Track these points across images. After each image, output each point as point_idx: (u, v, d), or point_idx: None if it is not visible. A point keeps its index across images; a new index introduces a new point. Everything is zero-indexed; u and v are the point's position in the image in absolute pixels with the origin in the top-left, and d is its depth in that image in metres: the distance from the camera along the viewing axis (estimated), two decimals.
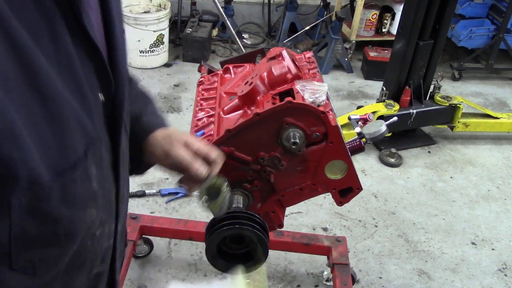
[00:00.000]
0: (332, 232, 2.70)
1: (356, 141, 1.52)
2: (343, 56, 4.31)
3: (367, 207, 2.90)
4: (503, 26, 4.19)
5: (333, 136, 1.33)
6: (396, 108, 3.24)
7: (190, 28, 4.22)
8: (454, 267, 2.57)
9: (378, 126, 1.52)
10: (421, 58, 3.20)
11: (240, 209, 1.34)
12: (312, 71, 1.57)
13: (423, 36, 3.13)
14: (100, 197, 0.81)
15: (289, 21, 4.54)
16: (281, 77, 1.43)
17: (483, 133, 3.63)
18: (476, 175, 3.27)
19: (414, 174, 3.22)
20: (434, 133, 3.65)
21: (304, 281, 2.41)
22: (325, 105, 1.33)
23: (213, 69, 1.77)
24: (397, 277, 2.48)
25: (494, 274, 2.55)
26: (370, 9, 4.39)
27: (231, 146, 1.32)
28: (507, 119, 3.50)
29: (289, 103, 1.27)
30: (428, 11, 3.03)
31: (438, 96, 3.38)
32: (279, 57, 1.47)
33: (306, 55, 1.67)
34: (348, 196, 1.47)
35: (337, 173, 1.42)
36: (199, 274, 2.38)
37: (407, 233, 2.75)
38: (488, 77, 4.54)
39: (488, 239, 2.76)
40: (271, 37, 4.78)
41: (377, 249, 2.63)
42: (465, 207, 2.98)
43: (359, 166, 3.18)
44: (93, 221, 0.81)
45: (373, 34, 4.53)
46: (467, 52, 4.47)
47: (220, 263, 1.51)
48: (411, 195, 3.03)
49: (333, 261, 2.20)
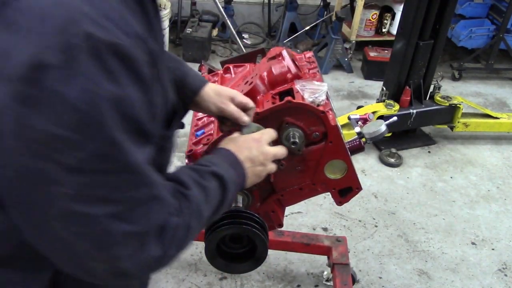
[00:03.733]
0: (332, 232, 2.70)
1: (356, 141, 1.52)
2: (343, 56, 4.31)
3: (367, 207, 2.90)
4: (503, 26, 4.19)
5: (333, 135, 1.33)
6: (396, 108, 3.24)
7: (190, 28, 4.22)
8: (454, 267, 2.57)
9: (378, 126, 1.52)
10: (421, 58, 3.20)
11: (240, 208, 1.34)
12: (312, 71, 1.56)
13: (423, 36, 3.13)
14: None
15: (289, 21, 4.54)
16: (281, 77, 1.43)
17: (483, 133, 3.63)
18: (476, 175, 3.26)
19: (414, 174, 3.22)
20: (434, 133, 3.65)
21: (304, 281, 2.41)
22: (325, 104, 1.33)
23: (213, 69, 1.77)
24: (397, 277, 2.48)
25: (494, 274, 2.55)
26: (370, 9, 4.39)
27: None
28: (507, 119, 3.50)
29: (288, 102, 1.27)
30: (428, 11, 3.02)
31: (438, 96, 3.38)
32: (279, 57, 1.46)
33: (306, 55, 1.67)
34: (347, 196, 1.47)
35: (336, 173, 1.42)
36: (199, 274, 2.38)
37: (407, 233, 2.75)
38: (488, 77, 4.54)
39: (488, 239, 2.76)
40: (271, 37, 4.78)
41: (377, 249, 2.63)
42: (465, 207, 2.98)
43: (359, 166, 3.18)
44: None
45: (373, 34, 4.53)
46: (467, 52, 4.47)
47: (219, 262, 1.51)
48: (411, 195, 3.03)
49: (333, 261, 2.19)
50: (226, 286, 2.34)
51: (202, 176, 0.91)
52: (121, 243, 0.72)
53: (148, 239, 0.74)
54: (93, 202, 0.68)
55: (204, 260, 2.35)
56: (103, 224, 0.69)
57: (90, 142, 0.64)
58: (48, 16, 0.61)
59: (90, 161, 0.65)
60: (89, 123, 0.63)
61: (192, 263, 2.43)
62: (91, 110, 0.63)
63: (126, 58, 0.66)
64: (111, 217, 0.69)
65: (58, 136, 0.62)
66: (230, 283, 2.35)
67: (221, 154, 1.04)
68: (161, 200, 0.76)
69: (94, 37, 0.62)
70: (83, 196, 0.67)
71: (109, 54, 0.64)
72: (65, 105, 0.62)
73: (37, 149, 0.63)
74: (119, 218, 0.70)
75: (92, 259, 0.72)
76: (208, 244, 1.34)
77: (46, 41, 0.61)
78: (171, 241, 0.78)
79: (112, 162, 0.67)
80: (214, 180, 0.93)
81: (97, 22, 0.63)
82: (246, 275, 2.38)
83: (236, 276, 2.38)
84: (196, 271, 2.40)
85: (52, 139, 0.63)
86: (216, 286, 2.34)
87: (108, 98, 0.64)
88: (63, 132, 0.62)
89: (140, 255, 0.74)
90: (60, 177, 0.65)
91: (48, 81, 0.61)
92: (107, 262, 0.73)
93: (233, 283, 2.35)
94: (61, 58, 0.61)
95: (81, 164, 0.65)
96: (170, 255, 0.80)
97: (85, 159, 0.65)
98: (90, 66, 0.62)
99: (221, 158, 1.02)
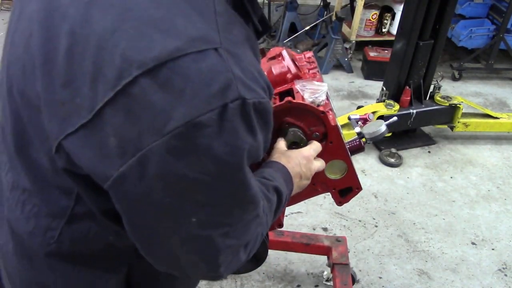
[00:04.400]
0: (332, 232, 2.70)
1: (356, 141, 1.52)
2: (343, 56, 4.31)
3: (367, 207, 2.90)
4: (503, 26, 4.19)
5: (333, 136, 1.33)
6: (396, 108, 3.24)
7: None
8: (454, 267, 2.57)
9: (378, 126, 1.52)
10: (421, 58, 3.20)
11: None
12: (312, 71, 1.56)
13: (423, 36, 3.13)
14: None
15: (289, 21, 4.53)
16: (281, 77, 1.42)
17: (483, 133, 3.63)
18: (476, 175, 3.27)
19: (414, 174, 3.22)
20: (434, 133, 3.65)
21: (304, 281, 2.41)
22: (325, 105, 1.33)
23: None
24: (397, 277, 2.48)
25: (494, 274, 2.55)
26: (370, 9, 4.39)
27: None
28: (507, 119, 3.50)
29: (289, 103, 1.27)
30: (428, 11, 3.02)
31: (438, 96, 3.38)
32: (279, 57, 1.46)
33: (306, 55, 1.66)
34: (347, 196, 1.47)
35: (336, 173, 1.42)
36: None
37: (407, 233, 2.75)
38: (488, 77, 4.54)
39: (488, 239, 2.76)
40: (271, 37, 4.78)
41: (377, 249, 2.63)
42: (465, 207, 2.98)
43: (359, 166, 3.18)
44: None
45: (373, 34, 4.53)
46: (467, 52, 4.47)
47: None
48: (411, 195, 3.03)
49: (333, 261, 2.19)
50: (226, 286, 2.34)
51: (268, 190, 0.98)
52: (224, 254, 0.81)
53: (242, 248, 0.85)
54: (213, 227, 0.77)
55: None
56: (215, 242, 0.78)
57: (226, 184, 0.73)
58: (207, 82, 0.67)
59: (222, 198, 0.75)
60: (228, 172, 0.72)
61: None
62: (232, 160, 0.71)
63: (264, 113, 0.74)
64: (223, 235, 0.78)
65: (199, 181, 0.70)
66: (230, 283, 2.35)
67: (278, 169, 1.10)
68: (260, 217, 0.86)
69: (245, 99, 0.69)
70: (205, 225, 0.76)
71: (254, 112, 0.71)
72: (211, 158, 0.69)
73: (178, 190, 0.71)
74: (229, 236, 0.79)
75: (194, 266, 0.82)
76: None
77: (205, 104, 0.67)
78: (252, 248, 0.89)
79: (238, 197, 0.77)
80: (275, 195, 1.00)
81: (247, 85, 0.70)
82: (246, 275, 2.38)
83: (236, 276, 2.38)
84: None
85: (192, 184, 0.71)
86: (216, 286, 2.34)
87: (246, 149, 0.72)
88: (204, 178, 0.70)
89: (235, 261, 0.84)
90: (192, 211, 0.74)
91: (201, 138, 0.67)
92: (208, 269, 0.83)
93: (233, 283, 2.36)
94: (217, 119, 0.67)
95: (214, 200, 0.74)
96: (248, 257, 0.89)
97: (218, 197, 0.74)
98: (239, 125, 0.70)
99: (279, 174, 1.08)
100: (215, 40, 0.69)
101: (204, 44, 0.68)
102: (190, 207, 0.73)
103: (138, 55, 0.66)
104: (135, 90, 0.66)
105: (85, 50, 0.69)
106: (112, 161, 0.69)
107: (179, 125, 0.66)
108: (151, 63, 0.65)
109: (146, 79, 0.65)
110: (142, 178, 0.69)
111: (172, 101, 0.66)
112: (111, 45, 0.67)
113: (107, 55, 0.67)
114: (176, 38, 0.67)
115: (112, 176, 0.70)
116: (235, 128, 0.69)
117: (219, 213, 0.76)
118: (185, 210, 0.73)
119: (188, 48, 0.66)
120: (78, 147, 0.72)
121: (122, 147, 0.68)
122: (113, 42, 0.67)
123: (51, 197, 0.85)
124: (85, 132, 0.70)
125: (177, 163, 0.68)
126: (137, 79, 0.65)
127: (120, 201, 0.74)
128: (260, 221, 0.87)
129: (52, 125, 0.75)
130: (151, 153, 0.67)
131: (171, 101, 0.66)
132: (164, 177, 0.69)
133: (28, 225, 0.89)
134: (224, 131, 0.68)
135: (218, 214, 0.76)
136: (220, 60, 0.68)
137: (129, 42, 0.67)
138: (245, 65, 0.72)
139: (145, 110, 0.66)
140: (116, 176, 0.70)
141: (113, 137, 0.69)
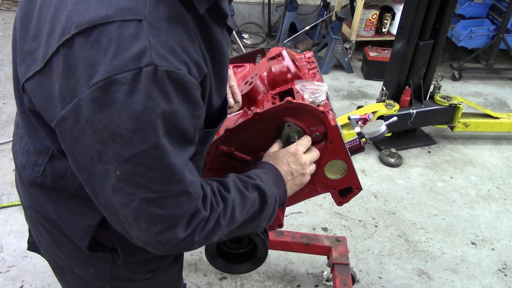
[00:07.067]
0: (332, 232, 2.70)
1: (356, 141, 1.52)
2: (343, 56, 4.31)
3: (367, 207, 2.90)
4: (503, 26, 4.19)
5: (333, 136, 1.33)
6: (396, 108, 3.24)
7: None
8: (454, 267, 2.57)
9: (378, 126, 1.52)
10: (421, 58, 3.20)
11: None
12: (312, 71, 1.56)
13: (423, 36, 3.13)
14: None
15: (289, 21, 4.54)
16: (281, 77, 1.43)
17: (483, 133, 3.63)
18: (476, 175, 3.27)
19: (414, 174, 3.22)
20: (434, 133, 3.65)
21: (304, 281, 2.41)
22: (325, 105, 1.33)
23: None
24: (397, 277, 2.48)
25: (494, 274, 2.55)
26: (370, 9, 4.39)
27: (231, 145, 1.32)
28: (507, 119, 3.50)
29: (289, 103, 1.27)
30: (428, 11, 3.02)
31: (438, 96, 3.38)
32: (279, 57, 1.47)
33: (306, 55, 1.66)
34: (347, 196, 1.47)
35: (336, 173, 1.42)
36: (199, 274, 2.38)
37: (407, 233, 2.75)
38: (488, 77, 4.54)
39: (488, 239, 2.76)
40: (271, 37, 4.78)
41: (377, 249, 2.63)
42: (465, 207, 2.98)
43: (359, 166, 3.18)
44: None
45: (373, 34, 4.53)
46: (467, 52, 4.47)
47: (219, 263, 1.51)
48: (411, 195, 3.03)
49: (333, 261, 2.19)
50: (226, 286, 2.34)
51: (245, 186, 1.08)
52: (152, 221, 0.90)
53: (177, 223, 0.92)
54: (133, 185, 0.86)
55: (204, 260, 2.35)
56: (139, 203, 0.88)
57: (140, 142, 0.83)
58: (127, 46, 0.79)
59: (138, 156, 0.84)
60: (142, 129, 0.82)
61: (192, 263, 2.43)
62: (146, 120, 0.81)
63: (180, 83, 0.83)
64: (146, 200, 0.88)
65: (118, 133, 0.81)
66: (230, 283, 2.35)
67: (269, 169, 1.19)
68: (190, 194, 0.92)
69: (157, 66, 0.80)
70: (128, 179, 0.85)
71: (168, 80, 0.82)
72: (126, 113, 0.80)
73: (103, 137, 0.82)
74: (152, 203, 0.88)
75: (128, 224, 0.92)
76: (208, 245, 1.34)
77: (122, 65, 0.79)
78: (198, 229, 0.95)
79: (153, 159, 0.85)
80: (256, 192, 1.09)
81: (161, 55, 0.81)
82: (246, 275, 2.38)
83: (236, 276, 2.38)
84: (196, 271, 2.40)
85: (113, 134, 0.82)
86: (216, 286, 2.34)
87: (160, 112, 0.82)
88: (122, 131, 0.81)
89: (166, 233, 0.92)
90: (115, 160, 0.84)
91: (117, 93, 0.79)
92: (140, 231, 0.92)
93: (233, 283, 2.36)
94: (131, 79, 0.79)
95: (130, 156, 0.83)
96: (196, 240, 0.97)
97: (134, 154, 0.83)
98: (152, 88, 0.80)
99: (268, 174, 1.17)
100: (141, 12, 0.82)
101: (130, 14, 0.81)
102: (113, 158, 0.84)
103: (77, 17, 0.81)
104: (72, 46, 0.81)
105: (48, 10, 0.88)
106: (56, 104, 0.85)
107: (101, 79, 0.79)
108: (86, 24, 0.80)
109: (81, 37, 0.80)
110: (77, 122, 0.83)
111: (98, 58, 0.79)
112: (63, 8, 0.85)
113: (60, 15, 0.84)
114: (108, 7, 0.81)
115: (56, 117, 0.85)
116: (147, 90, 0.80)
117: (139, 173, 0.85)
118: (110, 158, 0.84)
119: (115, 16, 0.80)
120: (35, 90, 0.90)
121: (62, 93, 0.83)
122: (64, 5, 0.85)
123: (37, 136, 1.03)
124: (39, 77, 0.88)
125: (100, 113, 0.80)
126: (74, 37, 0.81)
127: (63, 140, 0.88)
128: (194, 201, 0.93)
129: (21, 69, 0.94)
130: (82, 101, 0.81)
131: (98, 57, 0.79)
132: (91, 124, 0.81)
133: (22, 158, 1.09)
134: (137, 90, 0.80)
135: (139, 174, 0.85)
136: (141, 30, 0.81)
137: (73, 6, 0.83)
138: (165, 38, 0.83)
139: (79, 63, 0.81)
140: (58, 117, 0.85)
141: (57, 83, 0.84)
